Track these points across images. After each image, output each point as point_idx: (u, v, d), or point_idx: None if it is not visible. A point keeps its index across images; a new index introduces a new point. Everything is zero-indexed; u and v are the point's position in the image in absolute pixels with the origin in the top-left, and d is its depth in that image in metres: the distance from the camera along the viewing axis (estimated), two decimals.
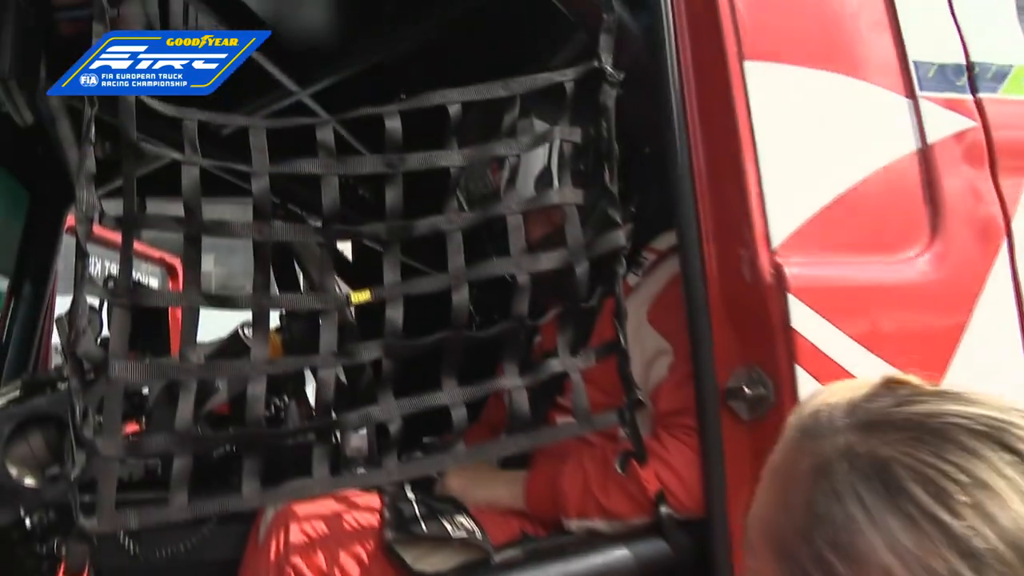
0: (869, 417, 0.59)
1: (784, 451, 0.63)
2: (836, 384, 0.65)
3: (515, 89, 1.36)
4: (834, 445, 0.59)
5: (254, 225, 1.23)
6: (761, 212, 1.33)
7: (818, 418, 0.62)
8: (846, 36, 1.44)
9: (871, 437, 0.58)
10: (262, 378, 1.24)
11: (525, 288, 1.34)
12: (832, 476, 0.57)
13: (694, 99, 1.39)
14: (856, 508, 0.55)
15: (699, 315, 1.37)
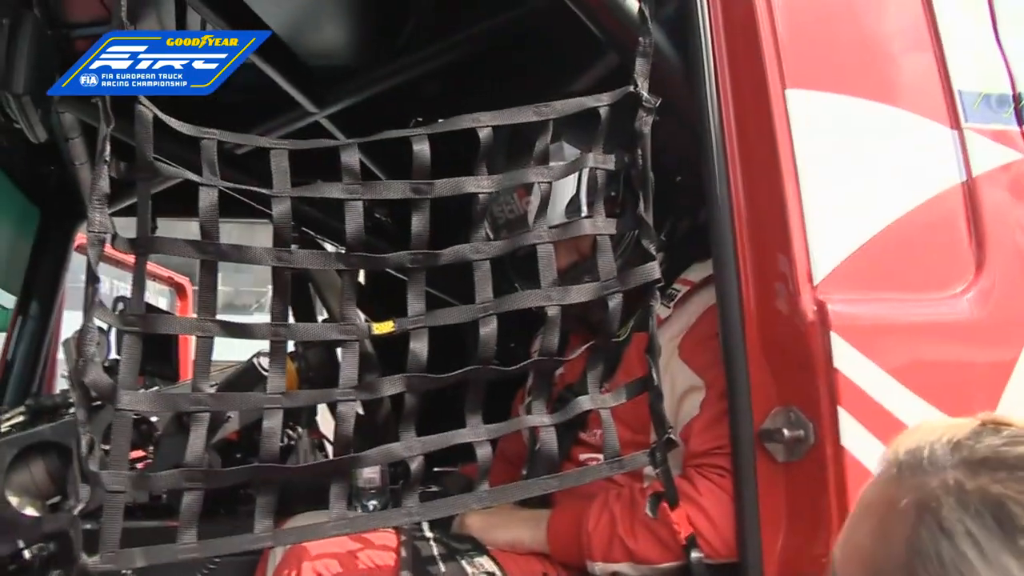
0: (976, 455, 0.60)
1: (881, 486, 0.64)
2: (930, 421, 0.66)
3: (547, 114, 1.33)
4: (940, 481, 0.60)
5: (274, 251, 1.20)
6: (803, 246, 1.29)
7: (918, 455, 0.62)
8: (890, 65, 1.42)
9: (980, 475, 0.59)
10: (279, 411, 1.21)
11: (555, 321, 1.31)
12: (938, 512, 0.58)
13: (733, 127, 1.36)
14: (967, 546, 0.56)
15: (735, 352, 1.33)
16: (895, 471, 0.64)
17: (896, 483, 0.63)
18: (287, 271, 1.21)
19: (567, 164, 1.38)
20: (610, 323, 1.33)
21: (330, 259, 1.30)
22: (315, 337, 1.27)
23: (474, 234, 1.31)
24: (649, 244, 1.33)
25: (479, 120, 1.30)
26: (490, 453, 1.27)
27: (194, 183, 1.18)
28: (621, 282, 1.33)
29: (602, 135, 1.35)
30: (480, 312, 1.27)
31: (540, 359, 1.33)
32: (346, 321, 1.24)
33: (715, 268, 1.38)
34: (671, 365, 1.52)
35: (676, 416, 1.50)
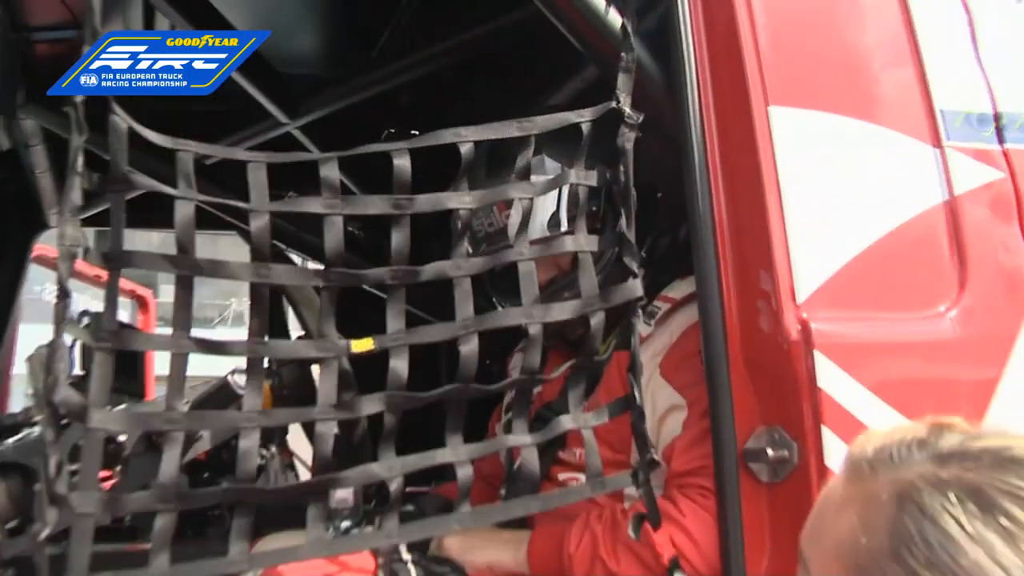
0: (942, 450, 0.66)
1: (855, 484, 0.68)
2: (882, 428, 0.73)
3: (530, 129, 1.34)
4: (915, 473, 0.65)
5: (253, 267, 1.20)
6: (787, 263, 1.31)
7: (887, 453, 0.68)
8: (873, 83, 1.45)
9: (951, 467, 0.64)
10: (256, 430, 1.20)
11: (537, 340, 1.31)
12: (919, 499, 0.62)
13: (715, 144, 1.38)
14: (951, 526, 0.60)
15: (718, 371, 1.35)
16: (867, 468, 0.68)
17: (872, 478, 0.67)
18: (266, 287, 1.21)
19: (549, 180, 1.39)
20: (591, 341, 1.34)
21: (309, 275, 1.30)
22: (293, 355, 1.27)
23: (455, 250, 1.32)
24: (631, 261, 1.34)
25: (460, 135, 1.31)
26: (471, 474, 1.28)
27: (164, 195, 1.17)
28: (603, 299, 1.34)
29: (584, 151, 1.37)
30: (461, 330, 1.28)
31: (522, 378, 1.34)
32: (324, 338, 1.24)
33: (698, 285, 1.40)
34: (653, 384, 1.53)
35: (658, 435, 1.51)
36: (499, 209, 1.61)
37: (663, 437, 1.52)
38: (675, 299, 1.62)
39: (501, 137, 1.35)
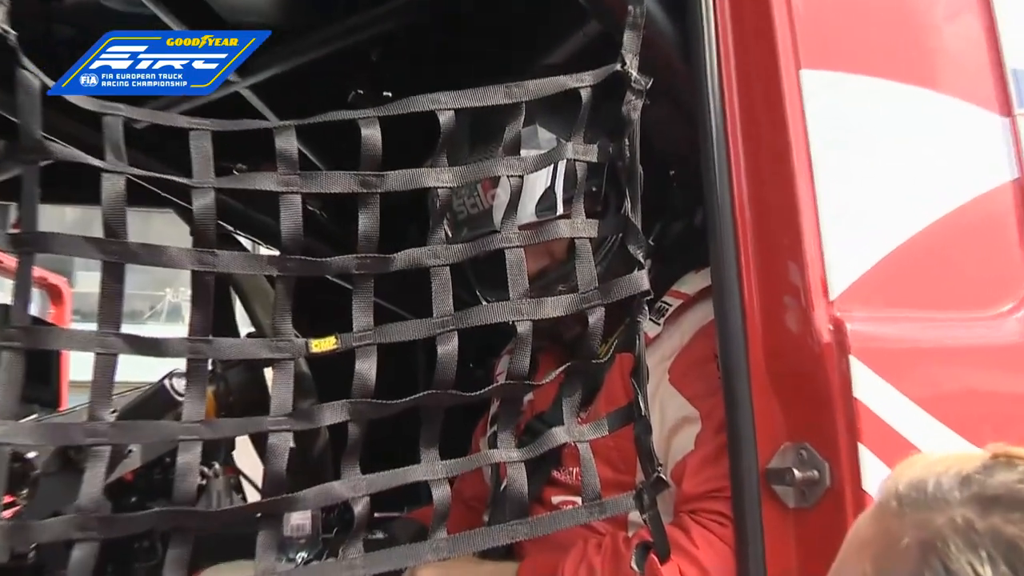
0: (987, 492, 0.63)
1: (879, 521, 0.66)
2: (936, 453, 0.69)
3: (519, 95, 1.33)
4: (947, 519, 0.62)
5: (195, 253, 1.18)
6: (818, 253, 1.31)
7: (922, 489, 0.65)
8: (929, 40, 1.44)
9: (992, 514, 0.61)
10: (197, 444, 1.19)
11: (526, 339, 1.31)
12: (945, 553, 0.60)
13: (737, 114, 1.38)
14: None
15: (736, 378, 1.35)
16: (895, 504, 0.66)
17: (897, 518, 0.65)
18: (210, 276, 1.20)
19: (542, 155, 1.38)
20: (589, 341, 1.34)
21: (262, 263, 1.29)
22: (241, 355, 1.25)
23: (432, 235, 1.31)
24: (636, 249, 1.34)
25: (439, 101, 1.29)
26: (448, 494, 1.27)
27: (88, 167, 1.15)
28: (603, 294, 1.33)
29: (583, 121, 1.36)
30: (439, 327, 1.27)
31: (508, 383, 1.33)
32: (279, 336, 1.23)
33: (713, 279, 1.40)
34: (660, 392, 1.53)
35: (667, 452, 1.52)
36: (484, 188, 1.61)
37: (672, 454, 1.52)
38: (687, 295, 1.62)
39: (486, 105, 1.33)
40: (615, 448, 1.50)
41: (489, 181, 1.57)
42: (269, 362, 1.25)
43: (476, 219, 1.62)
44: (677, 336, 1.59)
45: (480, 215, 1.61)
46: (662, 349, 1.58)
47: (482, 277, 1.70)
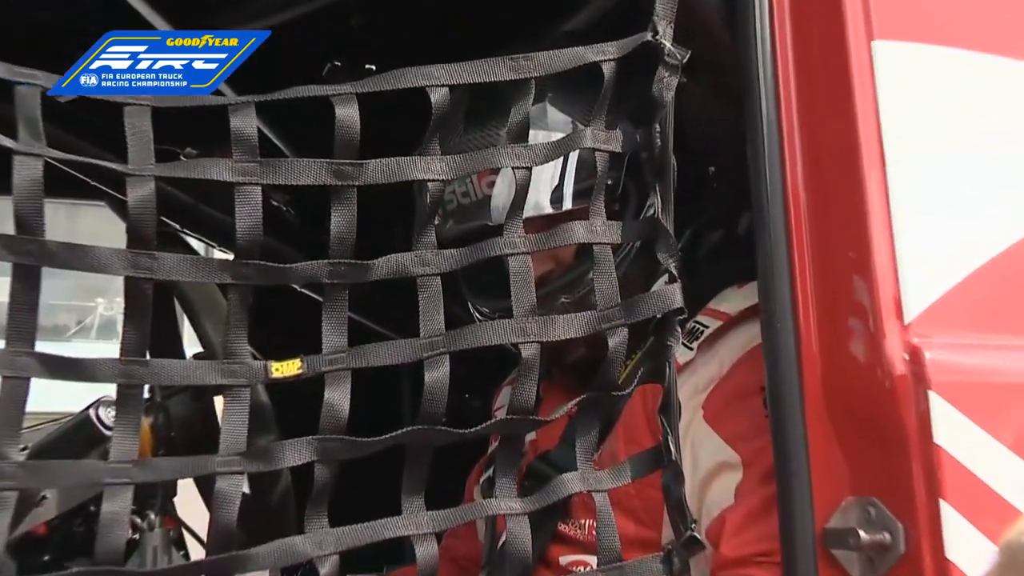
0: None
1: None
2: None
3: (528, 70, 1.30)
4: None
5: (130, 255, 1.15)
6: (891, 266, 1.29)
7: None
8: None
9: None
10: (126, 490, 1.15)
11: (533, 365, 1.28)
12: None
13: (793, 95, 1.36)
14: None
15: (788, 416, 1.32)
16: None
17: None
18: (148, 283, 1.17)
19: (555, 143, 1.36)
20: (609, 369, 1.31)
21: (213, 268, 1.25)
22: (186, 380, 1.22)
23: (419, 238, 1.29)
24: (668, 259, 1.32)
25: (432, 76, 1.27)
26: (435, 552, 1.25)
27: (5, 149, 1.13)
28: (627, 312, 1.31)
29: (605, 102, 1.33)
30: (427, 349, 1.24)
31: (509, 419, 1.30)
32: (232, 358, 1.21)
33: (761, 295, 1.37)
34: (693, 431, 1.53)
35: (701, 504, 1.51)
36: (479, 177, 1.62)
37: (708, 507, 1.51)
38: (728, 314, 1.61)
39: (488, 80, 1.30)
40: (637, 496, 1.50)
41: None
42: (220, 389, 1.23)
43: (468, 210, 1.63)
44: (714, 363, 1.58)
45: (472, 206, 1.63)
46: (696, 379, 1.57)
47: (475, 285, 1.70)
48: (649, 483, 1.35)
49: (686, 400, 1.50)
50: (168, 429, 1.63)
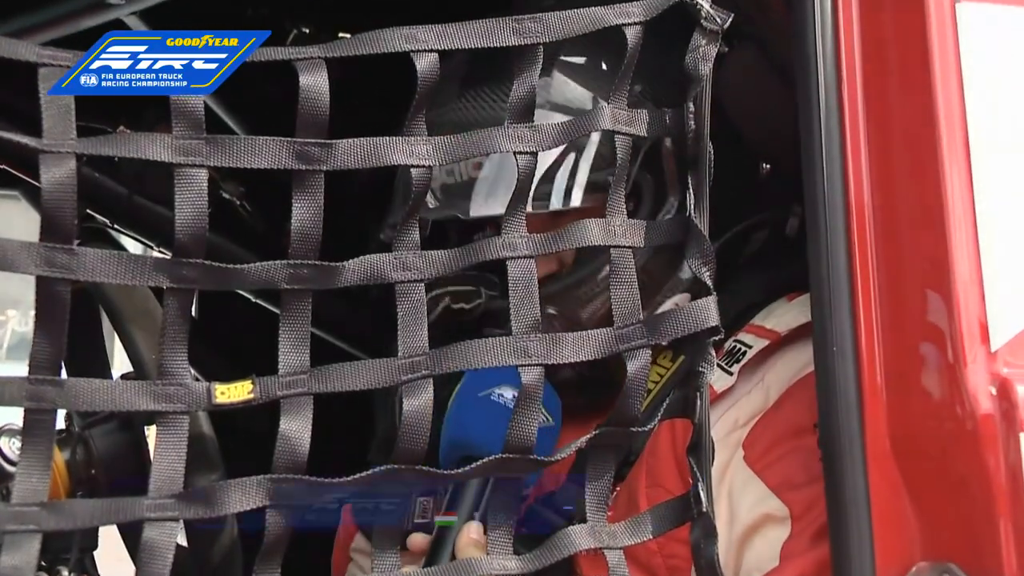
0: None
1: None
2: None
3: (535, 33, 1.30)
4: None
5: (42, 250, 1.14)
6: (975, 282, 1.29)
7: None
8: None
9: None
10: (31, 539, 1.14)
11: (535, 394, 1.27)
12: None
13: (859, 70, 1.36)
14: None
15: (846, 461, 1.31)
16: None
17: None
18: (65, 285, 1.16)
19: (566, 124, 1.35)
20: (628, 401, 1.30)
21: (146, 268, 1.24)
22: (111, 404, 1.21)
23: (400, 236, 1.28)
24: (701, 266, 1.31)
25: (417, 39, 1.27)
26: None
27: None
28: (650, 330, 1.30)
29: (628, 74, 1.33)
30: (407, 371, 1.24)
31: (505, 457, 1.28)
32: (168, 378, 1.20)
33: (814, 313, 1.37)
34: (731, 474, 1.53)
35: (739, 566, 1.51)
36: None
37: (747, 568, 1.50)
38: (777, 332, 1.61)
39: (486, 46, 1.30)
40: (660, 553, 1.50)
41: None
42: (152, 416, 1.22)
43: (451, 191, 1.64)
44: (758, 392, 1.58)
45: (457, 187, 1.63)
46: (736, 411, 1.57)
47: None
48: (675, 536, 1.34)
49: (723, 436, 1.52)
50: (88, 466, 1.62)
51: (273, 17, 2.15)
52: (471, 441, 1.49)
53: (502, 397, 1.50)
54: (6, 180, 2.19)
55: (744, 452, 1.53)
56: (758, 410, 1.56)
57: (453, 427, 1.52)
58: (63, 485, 1.58)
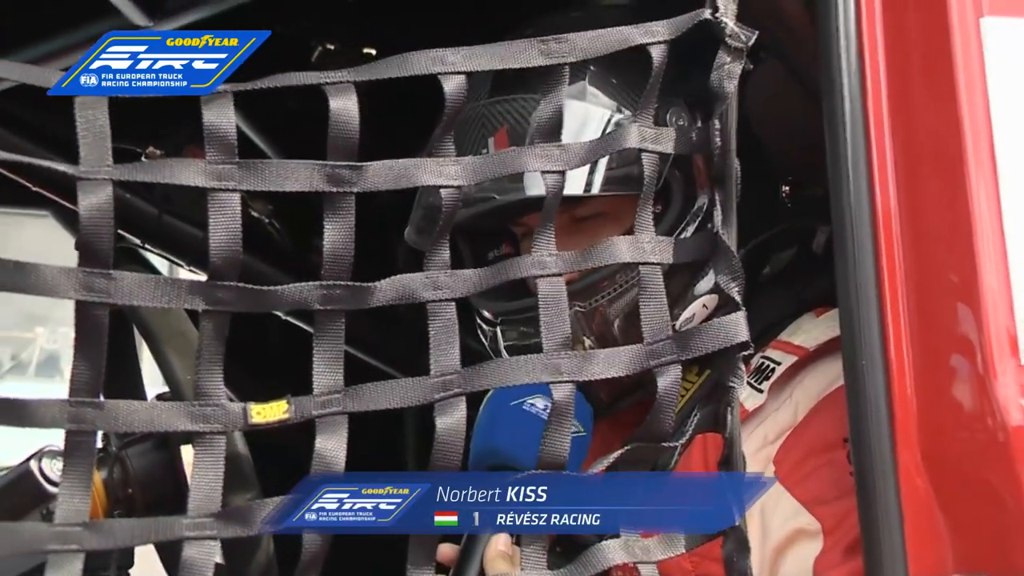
0: None
1: None
2: None
3: (562, 54, 1.31)
4: None
5: (80, 275, 1.16)
6: (1005, 292, 1.29)
7: None
8: None
9: None
10: (75, 559, 1.15)
11: (566, 410, 1.28)
12: None
13: (884, 85, 1.36)
14: None
15: (877, 475, 1.32)
16: None
17: None
18: (103, 309, 1.17)
19: (593, 144, 1.36)
20: (659, 416, 1.31)
21: (182, 291, 1.25)
22: (149, 426, 1.22)
23: (431, 256, 1.30)
24: (730, 282, 1.32)
25: (446, 61, 1.28)
26: None
27: None
28: (680, 346, 1.31)
29: (654, 93, 1.34)
30: (439, 390, 1.25)
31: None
32: (204, 399, 1.21)
33: (843, 327, 1.37)
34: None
35: None
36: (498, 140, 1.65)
37: None
38: (805, 348, 1.61)
39: (513, 67, 1.32)
40: (693, 571, 1.50)
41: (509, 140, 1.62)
42: (189, 437, 1.23)
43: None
44: (787, 409, 1.58)
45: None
46: (765, 428, 1.58)
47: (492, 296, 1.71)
48: (709, 555, 1.34)
49: (753, 453, 1.52)
50: (125, 485, 1.62)
51: (299, 35, 2.17)
52: (501, 450, 1.49)
53: (534, 407, 1.50)
54: (37, 200, 2.21)
55: (775, 468, 1.54)
56: (787, 426, 1.57)
57: (483, 436, 1.52)
58: (101, 504, 1.59)
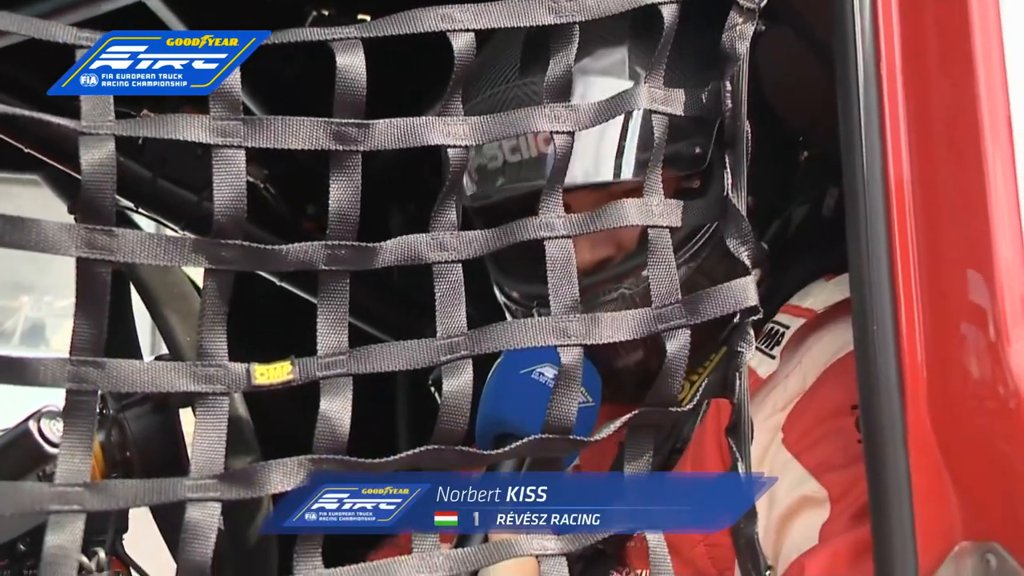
0: None
1: None
2: None
3: (570, 12, 1.31)
4: None
5: (83, 231, 1.15)
6: (1018, 259, 1.30)
7: None
8: None
9: None
10: (76, 519, 1.15)
11: (574, 374, 1.28)
12: None
13: (897, 47, 1.36)
14: None
15: (886, 443, 1.32)
16: None
17: None
18: (104, 267, 1.17)
19: (603, 104, 1.36)
20: (666, 380, 1.32)
21: (186, 250, 1.25)
22: (151, 386, 1.22)
23: (437, 216, 1.29)
24: (739, 246, 1.33)
25: (453, 19, 1.28)
26: None
27: None
28: (689, 310, 1.31)
29: (664, 54, 1.34)
30: (446, 352, 1.25)
31: (545, 437, 1.30)
32: (206, 359, 1.21)
33: (853, 292, 1.37)
34: (770, 458, 1.54)
35: (779, 548, 1.51)
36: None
37: (786, 551, 1.51)
38: (813, 311, 1.62)
39: (521, 25, 1.31)
40: (703, 541, 1.51)
41: None
42: (190, 398, 1.23)
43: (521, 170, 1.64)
44: (797, 376, 1.59)
45: (527, 164, 1.64)
46: (774, 396, 1.58)
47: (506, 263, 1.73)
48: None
49: (762, 421, 1.53)
50: (123, 448, 1.62)
51: (292, 1, 2.16)
52: (508, 419, 1.50)
53: (543, 376, 1.50)
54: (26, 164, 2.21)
55: (783, 435, 1.54)
56: (796, 393, 1.57)
57: (491, 404, 1.52)
58: (99, 467, 1.59)
